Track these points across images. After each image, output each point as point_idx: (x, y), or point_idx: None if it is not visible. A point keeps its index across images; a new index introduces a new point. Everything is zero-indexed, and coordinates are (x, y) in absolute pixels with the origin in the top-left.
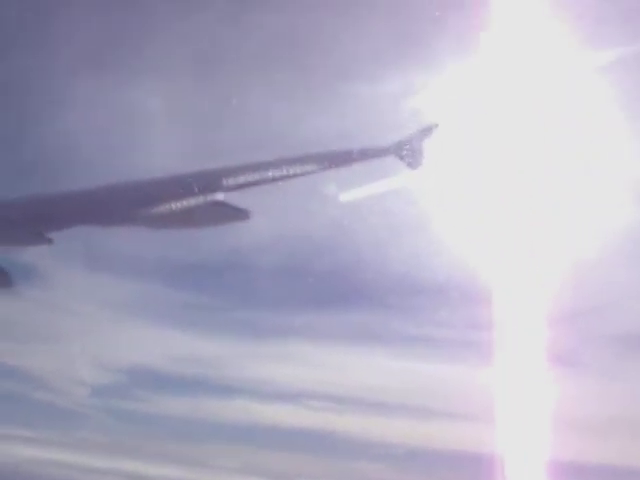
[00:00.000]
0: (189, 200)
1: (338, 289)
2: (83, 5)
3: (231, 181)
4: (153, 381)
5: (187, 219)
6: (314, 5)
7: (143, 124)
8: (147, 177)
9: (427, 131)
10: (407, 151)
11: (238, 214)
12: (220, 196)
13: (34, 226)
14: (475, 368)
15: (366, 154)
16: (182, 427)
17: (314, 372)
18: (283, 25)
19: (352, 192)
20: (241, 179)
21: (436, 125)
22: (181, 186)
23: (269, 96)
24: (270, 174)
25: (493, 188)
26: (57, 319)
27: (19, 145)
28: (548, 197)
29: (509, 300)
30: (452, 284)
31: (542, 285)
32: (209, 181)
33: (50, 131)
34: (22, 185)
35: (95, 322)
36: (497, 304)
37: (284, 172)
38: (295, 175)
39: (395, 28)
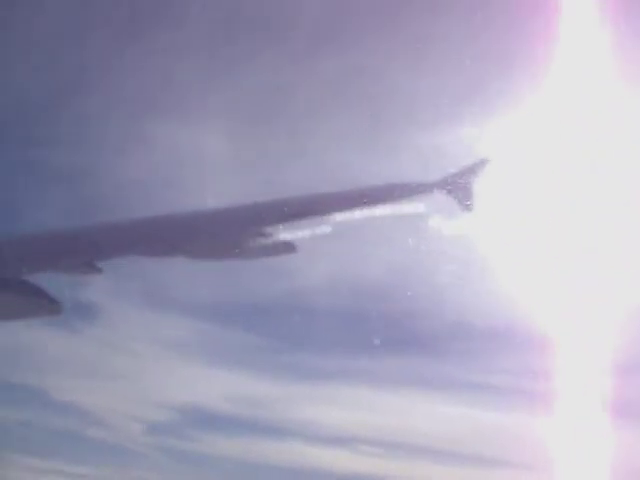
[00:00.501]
0: (236, 232)
1: (394, 333)
2: (154, 52)
3: (280, 214)
4: (206, 421)
5: (233, 251)
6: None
7: (205, 164)
8: (194, 209)
9: (476, 167)
10: (455, 187)
11: (285, 247)
12: (268, 229)
13: (84, 256)
14: (532, 416)
15: (414, 190)
16: (234, 468)
17: (368, 416)
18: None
19: (409, 234)
20: (290, 212)
21: (486, 161)
22: (228, 218)
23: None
24: (318, 208)
25: (554, 232)
26: (113, 356)
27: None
28: (610, 242)
29: (568, 348)
30: (510, 330)
31: (603, 334)
32: (257, 214)
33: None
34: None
35: (150, 360)
36: (556, 352)
37: (333, 206)
38: (344, 210)
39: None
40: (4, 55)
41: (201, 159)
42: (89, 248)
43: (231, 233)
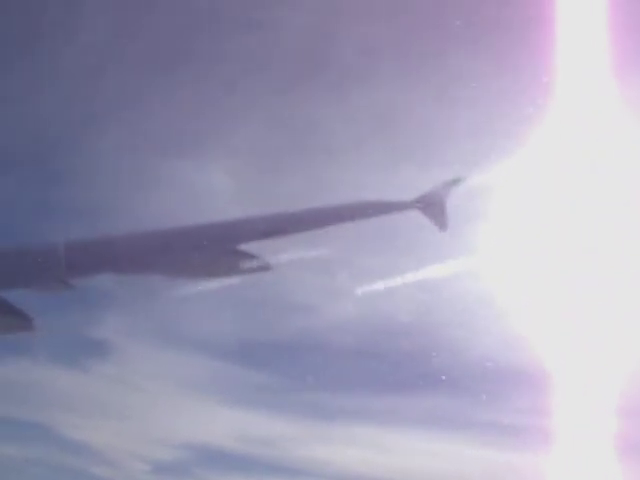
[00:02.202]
0: (211, 250)
1: (409, 373)
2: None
3: (254, 231)
4: (217, 460)
5: (207, 269)
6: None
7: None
8: (167, 227)
9: (449, 186)
10: (430, 205)
11: (259, 265)
12: (241, 246)
13: (57, 273)
14: (545, 455)
15: (389, 207)
16: None
17: (381, 456)
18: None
19: (423, 273)
20: (265, 229)
21: (459, 180)
22: (203, 235)
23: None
24: (291, 225)
25: (564, 266)
26: (124, 394)
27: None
28: (621, 276)
29: (580, 387)
30: (526, 370)
31: (614, 373)
32: (232, 231)
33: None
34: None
35: (161, 398)
36: (568, 391)
37: (305, 223)
38: (316, 227)
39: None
40: (22, 91)
41: (228, 197)
42: (62, 265)
43: (206, 251)
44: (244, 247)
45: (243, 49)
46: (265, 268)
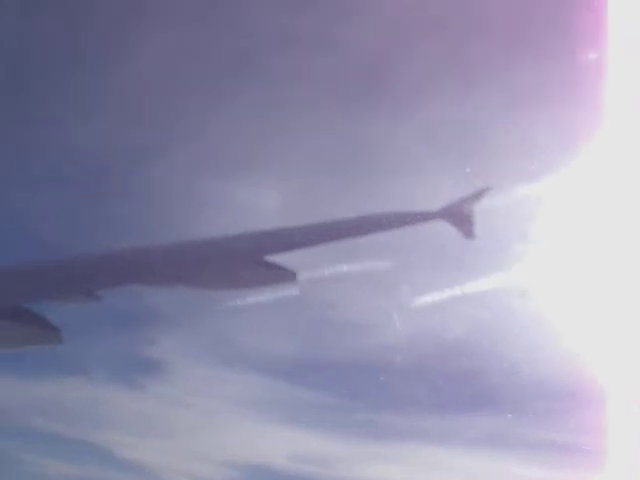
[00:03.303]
0: (236, 261)
1: (463, 391)
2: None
3: (280, 243)
4: (270, 479)
5: (233, 280)
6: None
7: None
8: (193, 239)
9: (476, 196)
10: (457, 215)
11: (285, 275)
12: (267, 257)
13: (83, 284)
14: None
15: (415, 218)
16: None
17: (437, 476)
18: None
19: (470, 287)
20: (289, 241)
21: (486, 189)
22: (228, 247)
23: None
24: (318, 237)
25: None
26: (178, 413)
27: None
28: None
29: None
30: (579, 388)
31: None
32: (258, 242)
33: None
34: None
35: (215, 417)
36: (627, 410)
37: (331, 235)
38: (342, 238)
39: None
40: (80, 110)
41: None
42: (88, 277)
43: (232, 262)
44: (271, 258)
45: (307, 68)
46: (291, 279)
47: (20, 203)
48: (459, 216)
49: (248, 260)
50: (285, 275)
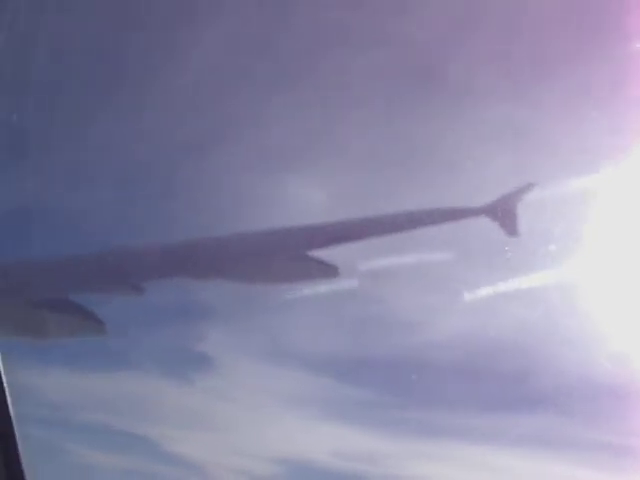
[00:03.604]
0: (278, 255)
1: (514, 390)
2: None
3: (323, 238)
4: (313, 476)
5: (273, 275)
6: None
7: None
8: (236, 233)
9: (521, 192)
10: (500, 212)
11: (326, 271)
12: (309, 252)
13: (128, 277)
14: None
15: (458, 214)
16: None
17: (483, 476)
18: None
19: (523, 287)
20: (332, 236)
21: (531, 185)
22: (270, 241)
23: None
24: (360, 232)
25: None
26: (224, 408)
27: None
28: None
29: None
30: (630, 388)
31: None
32: (301, 237)
33: None
34: None
35: (261, 413)
36: None
37: (374, 230)
38: (384, 234)
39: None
40: (138, 106)
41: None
42: (132, 269)
43: (272, 257)
44: (313, 253)
45: (361, 64)
46: (333, 274)
47: (70, 198)
48: (503, 212)
49: (289, 255)
50: (326, 270)
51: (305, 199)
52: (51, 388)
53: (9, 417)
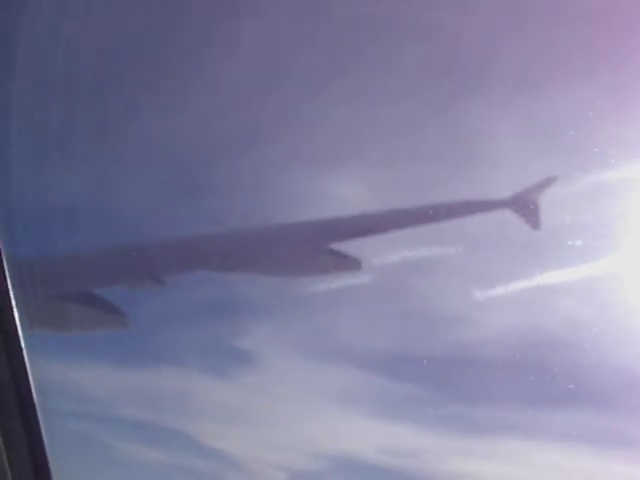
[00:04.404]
0: (301, 248)
1: (560, 386)
2: None
3: (346, 230)
4: (357, 471)
5: (295, 267)
6: None
7: None
8: (260, 226)
9: (544, 185)
10: (524, 205)
11: (349, 264)
12: (332, 245)
13: (152, 270)
14: None
15: (481, 207)
16: None
17: (529, 472)
18: None
19: (558, 280)
20: (354, 228)
21: (554, 179)
22: (296, 234)
23: None
24: (383, 225)
25: None
26: (265, 404)
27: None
28: None
29: None
30: None
31: None
32: (323, 230)
33: None
34: None
35: (303, 408)
36: None
37: (396, 223)
38: (406, 227)
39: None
40: (169, 108)
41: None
42: (157, 262)
43: (294, 249)
44: (336, 246)
45: (405, 57)
46: (356, 267)
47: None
48: (526, 205)
49: (312, 247)
50: (349, 263)
51: (339, 194)
52: (90, 383)
53: (35, 411)
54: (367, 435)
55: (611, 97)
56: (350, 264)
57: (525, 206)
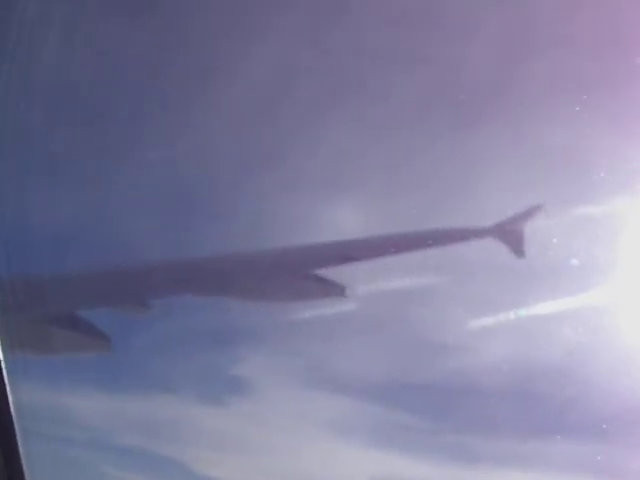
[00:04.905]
0: (286, 274)
1: (558, 416)
2: None
3: (330, 257)
4: None
5: (279, 293)
6: None
7: None
8: (241, 251)
9: (528, 214)
10: (508, 233)
11: (333, 290)
12: (317, 271)
13: (136, 294)
14: None
15: (466, 234)
16: None
17: None
18: None
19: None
20: (339, 255)
21: (538, 208)
22: (278, 260)
23: None
24: (368, 251)
25: None
26: (260, 432)
27: None
28: None
29: None
30: None
31: None
32: (308, 256)
33: None
34: None
35: (298, 437)
36: None
37: (381, 250)
38: (391, 254)
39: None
40: (173, 132)
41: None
42: (141, 286)
43: (278, 275)
44: (321, 272)
45: (415, 86)
46: (340, 292)
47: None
48: (511, 234)
49: (296, 273)
50: (334, 289)
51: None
52: (82, 408)
53: (14, 435)
54: (362, 464)
55: (601, 130)
56: (338, 291)
57: (510, 234)
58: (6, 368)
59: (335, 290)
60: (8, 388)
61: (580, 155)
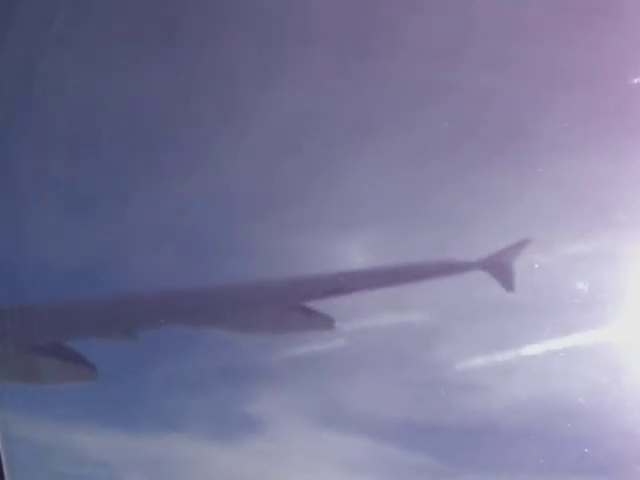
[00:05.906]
0: (276, 305)
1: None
2: None
3: (318, 289)
4: None
5: (269, 325)
6: None
7: None
8: (234, 282)
9: (518, 248)
10: (497, 267)
11: (323, 322)
12: (307, 303)
13: (123, 324)
14: None
15: (453, 268)
16: None
17: None
18: None
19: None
20: (327, 288)
21: (528, 241)
22: (268, 291)
23: None
24: (355, 284)
25: None
26: (273, 471)
27: None
28: None
29: None
30: None
31: None
32: (296, 288)
33: None
34: None
35: (311, 477)
36: None
37: (367, 283)
38: (377, 287)
39: None
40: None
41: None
42: (128, 316)
43: (268, 307)
44: (311, 305)
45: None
46: (329, 326)
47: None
48: (500, 268)
49: (286, 305)
50: (324, 322)
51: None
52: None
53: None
54: None
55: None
56: (326, 324)
57: (498, 268)
58: None
59: (325, 323)
60: None
61: (573, 191)
